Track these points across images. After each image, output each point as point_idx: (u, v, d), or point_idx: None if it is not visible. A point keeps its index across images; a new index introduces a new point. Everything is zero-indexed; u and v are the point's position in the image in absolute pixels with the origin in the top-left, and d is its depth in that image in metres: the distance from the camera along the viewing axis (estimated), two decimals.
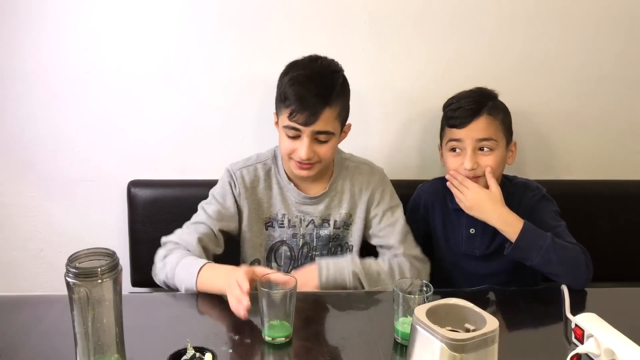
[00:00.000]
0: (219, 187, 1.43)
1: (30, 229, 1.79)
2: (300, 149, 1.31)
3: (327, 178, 1.44)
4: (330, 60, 1.37)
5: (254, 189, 1.42)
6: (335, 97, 1.30)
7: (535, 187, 1.49)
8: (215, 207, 1.39)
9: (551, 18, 1.73)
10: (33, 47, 1.64)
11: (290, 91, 1.29)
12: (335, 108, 1.31)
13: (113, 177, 1.74)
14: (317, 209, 1.43)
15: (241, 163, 1.45)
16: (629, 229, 1.78)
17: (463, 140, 1.43)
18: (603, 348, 0.98)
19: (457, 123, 1.44)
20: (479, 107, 1.43)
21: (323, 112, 1.28)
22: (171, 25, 1.66)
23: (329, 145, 1.34)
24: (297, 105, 1.27)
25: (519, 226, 1.34)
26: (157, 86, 1.70)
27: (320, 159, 1.34)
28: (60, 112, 1.70)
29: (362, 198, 1.44)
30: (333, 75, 1.34)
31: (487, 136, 1.42)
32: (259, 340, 1.06)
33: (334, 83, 1.32)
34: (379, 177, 1.46)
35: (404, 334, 1.02)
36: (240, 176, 1.41)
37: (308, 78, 1.30)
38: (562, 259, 1.31)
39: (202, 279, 1.21)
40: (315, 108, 1.27)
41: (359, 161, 1.49)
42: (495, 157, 1.44)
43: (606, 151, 1.87)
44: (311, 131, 1.29)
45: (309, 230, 1.44)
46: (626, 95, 1.83)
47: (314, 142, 1.31)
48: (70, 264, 0.87)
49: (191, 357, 0.93)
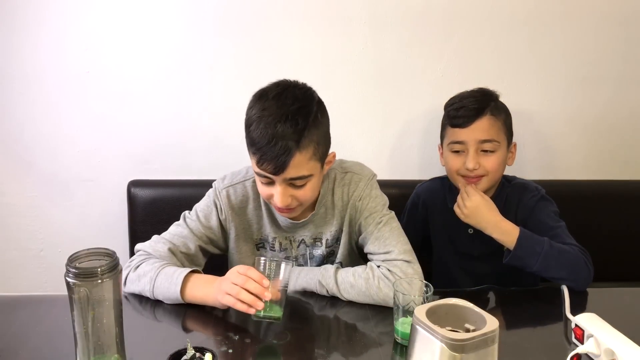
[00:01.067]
0: (203, 205, 1.33)
1: (30, 229, 1.79)
2: (275, 197, 1.19)
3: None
4: (300, 87, 1.21)
5: (242, 209, 1.33)
6: (307, 136, 1.14)
7: (534, 187, 1.49)
8: (196, 224, 1.30)
9: (551, 18, 1.73)
10: (33, 47, 1.65)
11: (255, 134, 1.14)
12: (307, 150, 1.15)
13: (113, 177, 1.75)
14: (307, 229, 1.34)
15: (228, 180, 1.34)
16: (629, 229, 1.79)
17: (465, 141, 1.43)
18: (603, 348, 0.98)
19: (459, 122, 1.43)
20: (482, 107, 1.43)
21: (292, 159, 1.13)
22: (171, 26, 1.66)
23: (308, 187, 1.21)
24: (263, 154, 1.13)
25: (515, 234, 1.32)
26: (157, 86, 1.70)
27: (301, 202, 1.23)
28: (60, 112, 1.70)
29: (348, 210, 1.33)
30: (301, 110, 1.15)
31: (489, 137, 1.42)
32: (259, 340, 1.06)
33: (303, 118, 1.14)
34: (364, 183, 1.32)
35: (404, 334, 1.02)
36: (225, 196, 1.31)
37: (274, 119, 1.13)
38: (562, 263, 1.30)
39: (190, 291, 1.15)
40: (282, 158, 1.12)
41: (345, 169, 1.35)
42: (497, 158, 1.43)
43: (606, 151, 1.87)
44: (283, 179, 1.17)
45: (301, 251, 1.36)
46: (626, 95, 1.83)
47: (289, 188, 1.19)
48: (70, 264, 0.87)
49: (191, 357, 0.93)
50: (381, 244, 1.26)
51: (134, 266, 1.22)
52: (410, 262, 1.23)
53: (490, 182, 1.45)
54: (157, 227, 1.34)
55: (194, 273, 1.18)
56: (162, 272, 1.18)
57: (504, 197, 1.48)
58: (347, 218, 1.34)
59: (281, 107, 1.15)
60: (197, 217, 1.32)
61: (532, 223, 1.41)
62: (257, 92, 1.21)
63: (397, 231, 1.29)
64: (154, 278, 1.17)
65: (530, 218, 1.42)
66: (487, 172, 1.43)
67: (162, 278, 1.17)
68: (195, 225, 1.31)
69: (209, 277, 1.18)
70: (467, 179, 1.45)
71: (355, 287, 1.21)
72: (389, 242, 1.26)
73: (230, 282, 1.08)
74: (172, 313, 1.16)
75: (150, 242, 1.28)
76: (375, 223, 1.29)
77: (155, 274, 1.18)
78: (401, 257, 1.23)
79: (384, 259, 1.24)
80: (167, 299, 1.17)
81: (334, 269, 1.24)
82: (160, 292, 1.17)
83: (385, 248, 1.25)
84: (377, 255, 1.27)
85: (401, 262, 1.22)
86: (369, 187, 1.33)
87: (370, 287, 1.20)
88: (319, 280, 1.23)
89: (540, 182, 1.55)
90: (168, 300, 1.18)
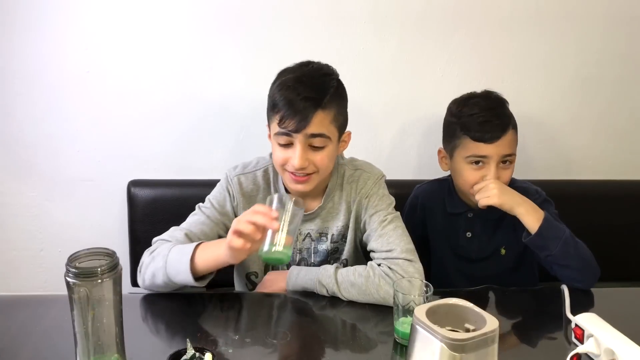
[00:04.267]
0: (216, 192, 1.36)
1: (30, 229, 1.79)
2: (293, 158, 1.22)
3: (323, 190, 1.36)
4: (323, 64, 1.29)
5: (252, 197, 1.35)
6: (329, 100, 1.22)
7: (535, 191, 1.47)
8: (212, 211, 1.32)
9: (551, 18, 1.73)
10: (33, 47, 1.64)
11: (279, 96, 1.21)
12: (329, 112, 1.22)
13: (113, 177, 1.75)
14: (314, 223, 1.35)
15: (240, 169, 1.37)
16: (629, 229, 1.78)
17: (489, 155, 1.39)
18: (603, 348, 0.98)
19: (486, 138, 1.38)
20: (506, 122, 1.40)
21: (315, 115, 1.19)
22: (171, 26, 1.66)
23: (325, 152, 1.24)
24: (287, 109, 1.19)
25: (541, 214, 1.32)
26: (157, 86, 1.70)
27: (317, 168, 1.24)
28: (60, 112, 1.70)
29: (355, 207, 1.35)
30: (325, 77, 1.25)
31: (511, 151, 1.41)
32: (259, 340, 1.06)
33: (325, 85, 1.23)
34: (372, 181, 1.35)
35: (404, 334, 1.02)
36: (237, 183, 1.34)
37: (297, 81, 1.22)
38: (579, 253, 1.31)
39: (200, 256, 1.15)
40: (306, 112, 1.19)
41: (356, 166, 1.39)
42: (511, 170, 1.43)
43: (606, 151, 1.87)
44: (304, 136, 1.21)
45: (306, 244, 1.36)
46: (626, 95, 1.83)
47: (308, 150, 1.22)
48: (70, 264, 0.87)
49: (191, 357, 0.93)
50: (384, 241, 1.27)
51: (150, 251, 1.24)
52: (412, 261, 1.23)
53: None
54: (157, 227, 1.34)
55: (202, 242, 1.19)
56: (175, 248, 1.19)
57: None
58: (353, 214, 1.35)
59: (307, 72, 1.25)
60: (211, 205, 1.34)
61: None
62: (281, 69, 1.29)
63: (400, 230, 1.30)
64: (167, 254, 1.17)
65: None
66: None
67: (175, 252, 1.18)
68: (211, 212, 1.32)
69: (218, 239, 1.20)
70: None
71: (355, 286, 1.21)
72: (392, 241, 1.27)
73: (237, 220, 1.08)
74: (172, 313, 1.16)
75: (167, 232, 1.29)
76: (380, 221, 1.30)
77: (169, 250, 1.18)
78: (403, 256, 1.23)
79: (386, 256, 1.25)
80: (178, 271, 1.15)
81: (333, 268, 1.24)
82: (171, 266, 1.16)
83: (388, 246, 1.26)
84: (379, 253, 1.27)
85: (402, 261, 1.22)
86: (377, 186, 1.35)
87: (371, 285, 1.19)
88: (319, 280, 1.23)
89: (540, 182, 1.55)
90: (179, 275, 1.15)
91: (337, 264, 1.28)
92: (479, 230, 1.49)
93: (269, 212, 1.05)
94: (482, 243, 1.49)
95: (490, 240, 1.49)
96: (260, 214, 1.05)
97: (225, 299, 1.23)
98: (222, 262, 1.15)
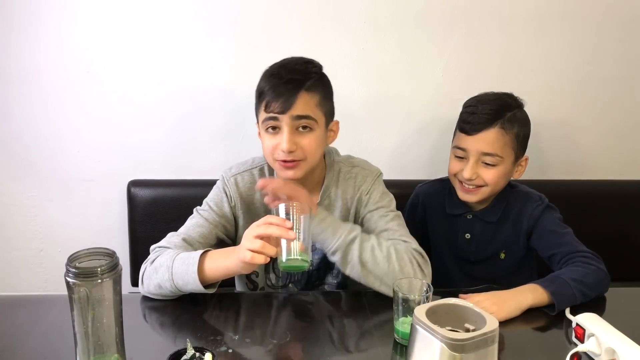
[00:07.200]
0: (213, 194, 1.36)
1: (30, 229, 1.79)
2: (281, 142, 1.21)
3: (319, 187, 1.35)
4: (307, 57, 1.30)
5: (249, 197, 1.35)
6: (313, 84, 1.23)
7: (537, 197, 1.45)
8: (210, 214, 1.32)
9: (552, 18, 1.73)
10: (33, 47, 1.64)
11: (264, 83, 1.25)
12: (313, 95, 1.23)
13: (113, 177, 1.75)
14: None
15: (235, 169, 1.37)
16: (629, 229, 1.78)
17: (467, 149, 1.39)
18: (604, 347, 0.98)
19: (467, 128, 1.39)
20: (493, 118, 1.37)
21: (299, 95, 1.20)
22: (171, 26, 1.66)
23: (313, 136, 1.23)
24: (271, 93, 1.21)
25: (542, 291, 1.20)
26: (157, 86, 1.70)
27: (305, 155, 1.23)
28: (60, 112, 1.70)
29: (353, 204, 1.35)
30: (307, 64, 1.27)
31: (491, 151, 1.37)
32: (259, 340, 1.06)
33: (308, 70, 1.25)
34: (371, 178, 1.36)
35: (404, 334, 1.02)
36: (234, 183, 1.34)
37: (280, 67, 1.26)
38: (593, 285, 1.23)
39: (209, 266, 1.13)
40: (289, 93, 1.20)
41: (353, 164, 1.38)
42: (497, 172, 1.39)
43: (606, 151, 1.87)
44: (290, 118, 1.20)
45: None
46: (627, 95, 1.83)
47: (295, 133, 1.22)
48: (70, 263, 0.87)
49: (191, 357, 0.93)
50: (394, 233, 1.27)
51: (150, 261, 1.21)
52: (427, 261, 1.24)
53: (489, 193, 1.43)
54: (157, 227, 1.34)
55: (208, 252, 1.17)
56: (177, 258, 1.16)
57: (505, 202, 1.47)
58: (352, 212, 1.35)
59: (290, 61, 1.27)
60: (209, 207, 1.33)
61: (539, 233, 1.40)
62: None
63: (405, 227, 1.31)
64: (171, 265, 1.15)
65: (537, 228, 1.40)
66: (485, 183, 1.40)
67: (179, 262, 1.15)
68: (210, 214, 1.32)
69: (226, 248, 1.17)
70: (462, 186, 1.43)
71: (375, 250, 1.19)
72: (404, 233, 1.27)
73: (250, 235, 1.06)
74: (172, 313, 1.16)
75: (164, 239, 1.27)
76: (382, 216, 1.30)
77: (172, 261, 1.16)
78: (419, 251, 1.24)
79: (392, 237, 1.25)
80: (187, 282, 1.14)
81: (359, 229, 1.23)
82: (179, 277, 1.14)
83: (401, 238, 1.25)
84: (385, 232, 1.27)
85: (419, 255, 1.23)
86: (376, 183, 1.36)
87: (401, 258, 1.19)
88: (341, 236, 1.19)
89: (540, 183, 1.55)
90: (188, 285, 1.14)
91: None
92: (478, 232, 1.49)
93: (283, 223, 1.05)
94: (480, 245, 1.49)
95: (489, 242, 1.48)
96: (274, 226, 1.05)
97: (225, 299, 1.22)
98: (233, 272, 1.15)
